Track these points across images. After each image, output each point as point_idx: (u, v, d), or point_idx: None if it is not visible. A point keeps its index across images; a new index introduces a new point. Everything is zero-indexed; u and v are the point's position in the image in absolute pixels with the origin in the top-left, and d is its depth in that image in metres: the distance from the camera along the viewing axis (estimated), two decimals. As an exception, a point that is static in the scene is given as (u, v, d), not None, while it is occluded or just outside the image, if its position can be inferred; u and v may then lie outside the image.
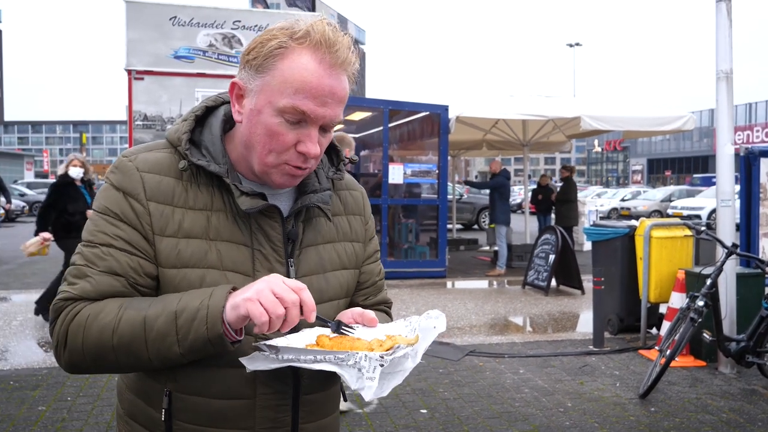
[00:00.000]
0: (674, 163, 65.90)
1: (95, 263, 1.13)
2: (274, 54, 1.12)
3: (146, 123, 8.32)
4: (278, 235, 1.22)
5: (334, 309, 1.29)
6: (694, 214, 21.67)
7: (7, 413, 4.14)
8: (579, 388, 4.81)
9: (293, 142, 1.15)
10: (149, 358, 1.09)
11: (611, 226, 6.71)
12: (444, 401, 4.49)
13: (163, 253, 1.15)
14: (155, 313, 1.08)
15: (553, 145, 15.15)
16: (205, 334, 1.05)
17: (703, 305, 4.61)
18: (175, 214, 1.16)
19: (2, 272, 10.78)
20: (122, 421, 1.28)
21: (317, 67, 1.12)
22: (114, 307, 1.10)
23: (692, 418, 4.22)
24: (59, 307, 1.13)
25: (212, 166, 1.18)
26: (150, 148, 1.23)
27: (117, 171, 1.19)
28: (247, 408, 1.19)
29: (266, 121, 1.14)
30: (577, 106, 10.86)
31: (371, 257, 1.41)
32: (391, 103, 10.42)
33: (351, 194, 1.40)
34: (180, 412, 1.19)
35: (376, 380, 1.02)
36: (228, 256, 1.17)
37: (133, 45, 8.32)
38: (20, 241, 17.71)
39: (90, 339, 1.09)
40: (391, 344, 1.10)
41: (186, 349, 1.08)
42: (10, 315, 7.18)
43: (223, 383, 1.18)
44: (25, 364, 5.27)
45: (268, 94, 1.13)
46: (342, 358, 1.04)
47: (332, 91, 1.13)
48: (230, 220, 1.19)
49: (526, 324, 7.24)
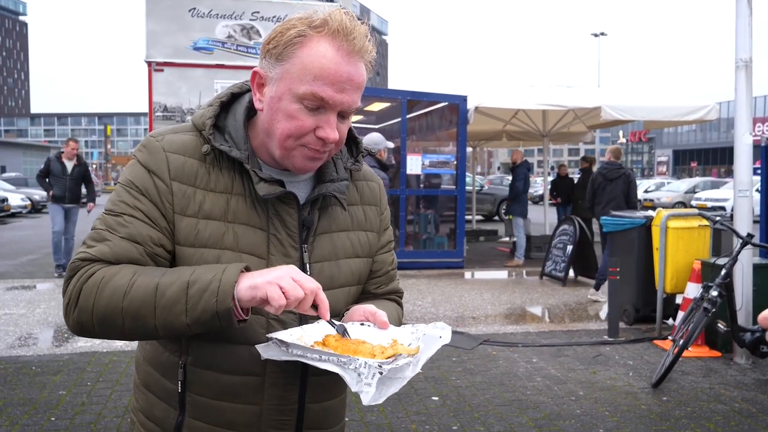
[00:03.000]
0: (700, 154, 64.91)
1: (116, 229, 1.18)
2: (293, 42, 1.16)
3: (166, 114, 8.43)
4: (294, 221, 1.26)
5: (344, 295, 1.33)
6: (718, 206, 21.35)
7: (29, 397, 4.27)
8: (592, 377, 4.81)
9: (312, 127, 1.18)
10: (155, 326, 1.11)
11: (628, 217, 6.66)
12: (456, 389, 4.53)
13: (182, 232, 1.19)
14: (168, 281, 1.11)
15: (574, 135, 15.03)
16: (215, 307, 1.08)
17: (717, 295, 4.58)
18: (196, 195, 1.21)
19: (28, 262, 11.02)
20: (139, 391, 1.34)
21: (335, 54, 1.15)
22: (129, 271, 1.13)
23: (704, 407, 4.21)
24: (76, 266, 1.16)
25: (234, 151, 1.22)
26: (176, 131, 1.27)
27: (144, 149, 1.23)
28: (256, 384, 1.24)
29: (286, 108, 1.17)
30: (598, 96, 10.76)
31: (385, 247, 1.45)
32: (410, 94, 10.43)
33: (368, 185, 1.43)
34: (193, 385, 1.24)
35: (373, 386, 1.06)
36: (244, 239, 1.22)
37: (152, 37, 8.42)
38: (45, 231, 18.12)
39: (101, 300, 1.12)
40: (393, 352, 1.14)
41: (193, 320, 1.10)
42: (34, 303, 7.36)
43: (235, 359, 1.22)
44: (47, 350, 5.41)
45: (288, 81, 1.16)
46: (344, 362, 1.09)
47: (350, 78, 1.17)
48: (248, 205, 1.23)
49: (541, 314, 7.23)
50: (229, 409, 1.24)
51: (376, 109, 11.54)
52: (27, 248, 12.84)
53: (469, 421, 3.97)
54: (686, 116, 10.72)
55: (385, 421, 3.96)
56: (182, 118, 8.41)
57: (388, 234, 1.46)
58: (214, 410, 1.24)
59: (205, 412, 1.25)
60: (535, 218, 14.24)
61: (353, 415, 4.01)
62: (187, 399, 1.25)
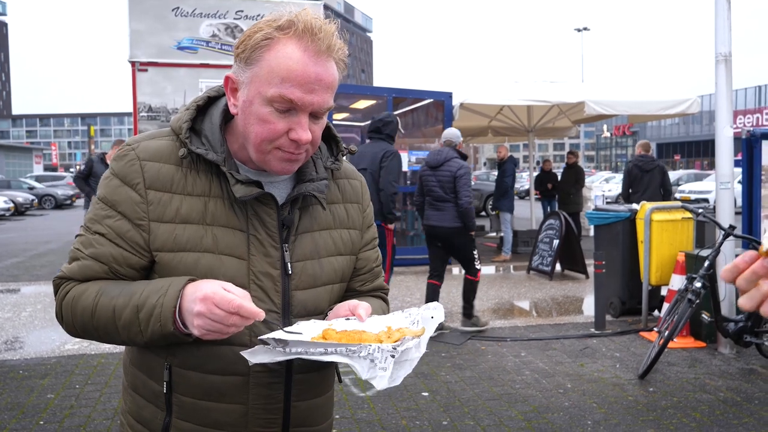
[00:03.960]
0: (683, 147, 65.45)
1: (86, 248, 1.24)
2: (260, 45, 1.17)
3: (151, 114, 8.38)
4: (273, 221, 1.27)
5: (327, 293, 1.34)
6: (702, 198, 21.56)
7: (17, 401, 4.24)
8: (579, 369, 4.87)
9: (284, 130, 1.18)
10: (123, 341, 1.22)
11: (613, 210, 6.73)
12: (445, 384, 4.56)
13: (160, 238, 1.21)
14: (122, 304, 1.18)
15: (559, 130, 15.12)
16: (160, 330, 1.15)
17: (701, 286, 4.65)
18: (173, 200, 1.22)
19: (12, 265, 10.92)
20: (127, 393, 1.36)
21: (302, 55, 1.15)
22: (93, 291, 1.21)
23: (690, 397, 4.27)
24: (57, 284, 1.27)
25: (210, 154, 1.22)
26: (153, 136, 1.29)
27: (119, 159, 1.25)
28: (241, 384, 1.25)
29: (257, 111, 1.18)
30: (582, 91, 10.84)
31: (369, 244, 1.46)
32: (395, 91, 10.44)
33: (350, 183, 1.44)
34: (179, 386, 1.26)
35: (388, 370, 1.09)
36: (223, 241, 1.23)
37: (136, 36, 8.37)
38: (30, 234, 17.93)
39: (76, 318, 1.23)
40: (399, 336, 1.14)
41: (148, 339, 1.18)
42: (20, 306, 7.30)
43: (219, 360, 1.24)
44: (35, 353, 5.38)
45: (257, 85, 1.17)
46: (354, 350, 1.10)
47: (318, 78, 1.17)
48: (227, 206, 1.24)
49: (529, 308, 7.28)
50: (215, 409, 1.25)
51: (361, 106, 11.54)
52: (11, 251, 12.72)
53: (459, 415, 4.00)
54: (668, 110, 10.83)
55: (375, 417, 3.98)
56: (167, 118, 8.36)
57: (371, 231, 1.47)
58: (201, 410, 1.26)
59: (191, 412, 1.26)
60: (521, 213, 14.31)
61: (344, 412, 4.03)
62: (173, 400, 1.26)
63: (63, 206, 28.69)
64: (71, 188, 32.15)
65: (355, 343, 1.10)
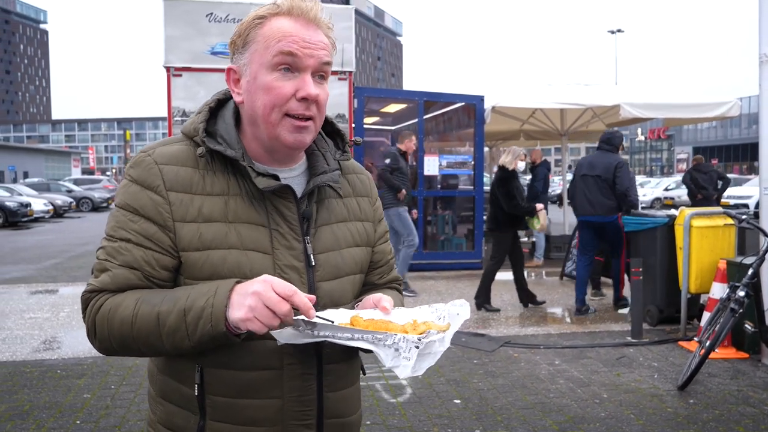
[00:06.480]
0: (721, 151, 64.05)
1: (114, 257, 1.22)
2: (253, 25, 1.26)
3: (184, 119, 8.47)
4: (293, 214, 1.29)
5: (351, 284, 1.37)
6: (741, 203, 21.05)
7: (55, 400, 4.31)
8: (616, 379, 4.76)
9: (292, 91, 1.23)
10: (166, 349, 1.19)
11: (650, 216, 6.58)
12: (478, 391, 4.50)
13: (185, 238, 1.22)
14: (167, 310, 1.16)
15: (593, 134, 14.86)
16: (210, 332, 1.14)
17: (744, 295, 4.51)
18: (194, 201, 1.24)
19: (51, 266, 11.16)
20: (155, 402, 1.34)
21: (293, 24, 1.24)
22: (131, 301, 1.19)
23: (733, 410, 4.13)
24: (86, 298, 1.23)
25: (228, 151, 1.25)
26: (166, 142, 1.31)
27: (136, 166, 1.26)
28: (275, 378, 1.26)
29: (263, 81, 1.23)
30: (617, 94, 10.64)
31: (382, 237, 1.50)
32: (426, 95, 10.40)
33: (358, 177, 1.48)
34: (212, 386, 1.25)
35: (412, 360, 1.11)
36: (248, 236, 1.25)
37: (171, 42, 8.47)
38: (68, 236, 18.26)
39: (113, 331, 1.19)
40: (425, 329, 1.17)
41: (195, 343, 1.16)
42: (58, 307, 7.44)
43: (251, 356, 1.24)
44: (72, 353, 5.47)
45: (258, 57, 1.24)
46: (380, 338, 1.13)
47: (312, 38, 1.25)
48: (247, 203, 1.26)
49: (562, 315, 7.16)
50: (251, 406, 1.25)
51: (392, 110, 11.53)
52: (50, 253, 13.01)
53: (492, 424, 3.94)
54: (708, 113, 10.55)
55: (407, 424, 3.94)
56: (201, 122, 8.44)
57: (383, 224, 1.51)
58: (235, 409, 1.25)
59: (226, 412, 1.25)
60: (553, 218, 14.12)
61: (375, 418, 4.00)
62: (206, 402, 1.26)
63: (99, 209, 29.29)
64: (107, 191, 32.83)
65: (381, 332, 1.14)
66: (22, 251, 13.48)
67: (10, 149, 60.20)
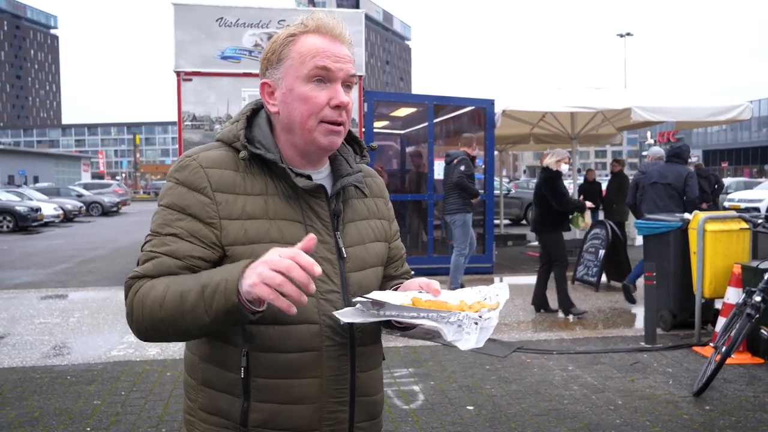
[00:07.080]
0: (731, 154, 63.59)
1: (158, 247, 1.32)
2: (286, 43, 1.39)
3: (195, 123, 8.49)
4: (325, 212, 1.42)
5: (375, 275, 1.51)
6: (752, 207, 20.87)
7: (65, 407, 4.29)
8: (630, 385, 4.70)
9: (326, 100, 1.36)
10: (188, 328, 1.25)
11: (663, 220, 6.51)
12: (491, 398, 4.45)
13: (231, 233, 1.33)
14: (189, 288, 1.23)
15: (603, 137, 14.82)
16: (225, 305, 1.19)
17: (761, 300, 4.44)
18: (237, 200, 1.35)
19: (61, 270, 11.19)
20: (197, 391, 1.42)
21: (322, 40, 1.38)
22: (163, 284, 1.27)
23: (749, 416, 4.07)
24: (128, 285, 1.32)
25: (268, 154, 1.37)
26: (207, 148, 1.43)
27: (181, 170, 1.37)
28: (315, 359, 1.36)
29: (299, 92, 1.36)
30: (628, 97, 10.59)
31: (396, 235, 1.64)
32: (436, 99, 10.37)
33: (374, 180, 1.62)
34: (256, 369, 1.34)
35: (473, 335, 1.26)
36: (287, 231, 1.36)
37: (181, 46, 8.49)
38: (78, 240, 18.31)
39: (146, 313, 1.27)
40: (479, 307, 1.30)
41: (212, 317, 1.21)
42: (68, 312, 7.45)
43: (294, 338, 1.34)
44: (82, 359, 5.45)
45: (293, 71, 1.37)
46: (444, 316, 1.26)
47: (340, 53, 1.39)
48: (284, 202, 1.39)
49: (575, 320, 7.10)
50: (295, 385, 1.35)
51: (402, 114, 11.50)
52: (60, 257, 13.05)
53: (506, 431, 3.89)
54: (719, 116, 10.48)
55: (419, 431, 3.90)
56: (210, 127, 8.46)
57: (395, 223, 1.66)
58: (280, 389, 1.34)
59: (270, 393, 1.34)
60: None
61: (387, 426, 3.96)
62: (251, 384, 1.34)
63: (109, 213, 29.41)
64: (117, 195, 32.98)
65: (445, 310, 1.26)
66: (33, 256, 13.53)
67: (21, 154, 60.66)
